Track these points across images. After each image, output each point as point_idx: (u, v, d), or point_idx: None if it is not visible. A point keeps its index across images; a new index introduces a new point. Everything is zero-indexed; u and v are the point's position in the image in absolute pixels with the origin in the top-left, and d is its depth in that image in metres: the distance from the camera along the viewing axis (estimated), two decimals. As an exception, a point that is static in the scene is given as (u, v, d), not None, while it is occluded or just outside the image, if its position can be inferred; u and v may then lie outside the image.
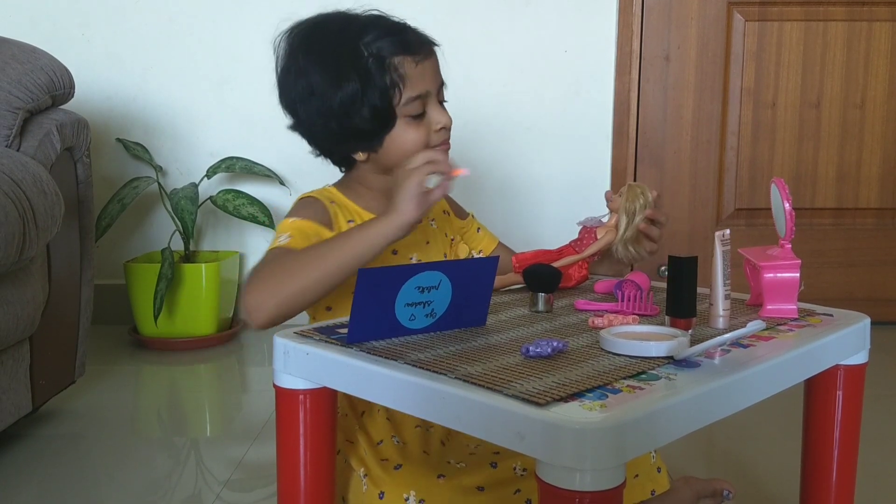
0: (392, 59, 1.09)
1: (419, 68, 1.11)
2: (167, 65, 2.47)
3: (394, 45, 1.10)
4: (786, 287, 0.97)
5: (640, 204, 1.10)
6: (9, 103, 1.51)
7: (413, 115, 1.11)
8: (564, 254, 1.12)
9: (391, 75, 1.09)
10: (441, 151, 1.08)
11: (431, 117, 1.13)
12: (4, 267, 1.37)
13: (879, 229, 2.53)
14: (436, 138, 1.14)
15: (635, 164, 2.51)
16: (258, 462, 1.53)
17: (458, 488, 1.01)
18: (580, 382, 0.73)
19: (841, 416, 1.00)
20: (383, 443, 1.08)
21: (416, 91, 1.10)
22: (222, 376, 2.19)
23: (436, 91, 1.14)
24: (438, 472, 1.03)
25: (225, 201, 2.33)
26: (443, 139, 1.15)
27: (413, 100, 1.11)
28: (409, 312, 0.87)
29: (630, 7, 2.44)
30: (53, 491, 1.43)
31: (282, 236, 1.08)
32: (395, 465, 1.05)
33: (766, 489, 1.40)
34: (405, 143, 1.12)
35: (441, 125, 1.13)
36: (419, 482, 1.02)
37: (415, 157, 1.03)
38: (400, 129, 1.12)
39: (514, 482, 1.02)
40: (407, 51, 1.10)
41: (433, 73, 1.13)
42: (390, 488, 1.02)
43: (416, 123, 1.12)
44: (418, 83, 1.11)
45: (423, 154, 1.03)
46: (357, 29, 1.11)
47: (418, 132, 1.12)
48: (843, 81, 2.47)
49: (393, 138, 1.12)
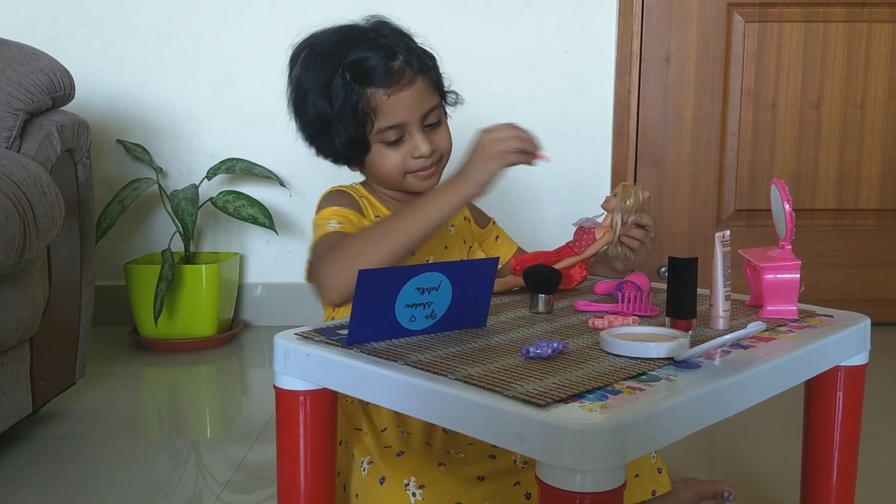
0: (364, 90, 1.09)
1: (392, 100, 1.10)
2: (167, 66, 2.47)
3: (368, 75, 1.09)
4: (786, 288, 0.97)
5: (631, 202, 1.11)
6: (9, 105, 1.51)
7: (387, 141, 1.12)
8: (563, 255, 1.12)
9: (361, 105, 1.09)
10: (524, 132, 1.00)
11: (411, 144, 1.13)
12: (5, 268, 1.37)
13: (880, 230, 2.53)
14: (413, 164, 1.14)
15: (635, 164, 2.51)
16: (258, 463, 1.53)
17: (458, 477, 1.02)
18: (580, 383, 0.73)
19: (841, 417, 1.00)
20: (388, 430, 1.08)
21: (389, 122, 1.11)
22: (222, 377, 2.19)
23: (417, 119, 1.13)
24: (439, 461, 1.04)
25: (225, 202, 2.34)
26: (421, 166, 1.14)
27: (386, 129, 1.11)
28: (410, 314, 0.87)
29: (630, 8, 2.44)
30: (54, 492, 1.43)
31: (331, 222, 1.09)
32: (396, 453, 1.05)
33: (766, 490, 1.40)
34: (383, 166, 1.14)
35: (419, 153, 1.13)
36: (420, 469, 1.02)
37: (500, 126, 0.99)
38: (376, 154, 1.13)
39: (513, 474, 1.03)
40: (381, 82, 1.09)
41: (412, 103, 1.12)
42: (391, 474, 1.03)
43: (394, 148, 1.13)
44: (392, 114, 1.11)
45: (509, 127, 0.99)
46: (347, 48, 1.11)
47: (394, 158, 1.13)
48: (843, 82, 2.47)
49: (371, 161, 1.15)
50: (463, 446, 1.07)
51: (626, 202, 1.10)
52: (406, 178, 1.16)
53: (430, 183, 1.17)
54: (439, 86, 1.18)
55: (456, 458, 1.05)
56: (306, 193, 2.50)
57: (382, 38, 1.13)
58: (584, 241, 1.12)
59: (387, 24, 1.17)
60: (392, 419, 1.09)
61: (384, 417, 1.10)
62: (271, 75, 2.47)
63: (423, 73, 1.14)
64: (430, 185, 1.17)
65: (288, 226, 2.52)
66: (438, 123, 1.16)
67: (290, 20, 2.43)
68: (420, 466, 1.03)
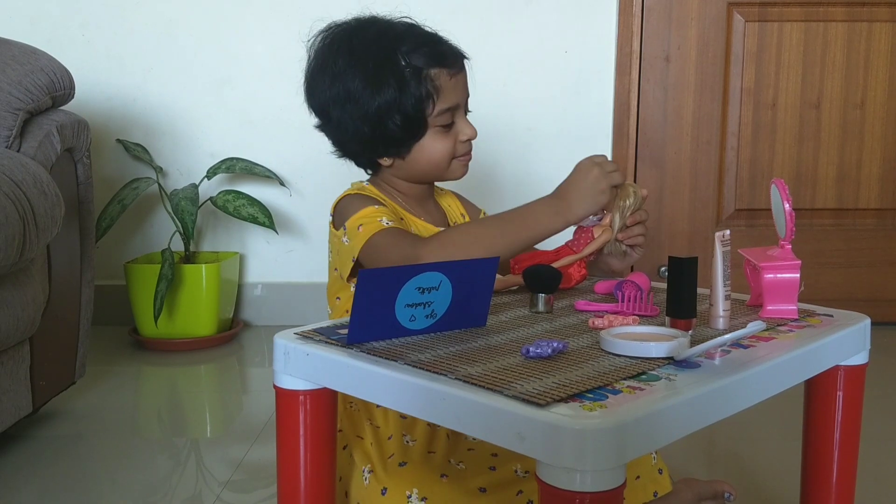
0: (429, 70, 1.12)
1: (453, 81, 1.14)
2: (167, 66, 2.47)
3: (430, 57, 1.13)
4: (786, 287, 0.97)
5: (631, 202, 1.11)
6: (9, 104, 1.51)
7: (443, 125, 1.15)
8: (562, 254, 1.12)
9: (426, 86, 1.12)
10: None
11: (459, 128, 1.17)
12: (5, 268, 1.37)
13: (880, 230, 2.53)
14: (461, 149, 1.18)
15: (635, 164, 2.51)
16: (258, 463, 1.53)
17: (460, 489, 1.01)
18: (580, 383, 0.73)
19: (841, 416, 1.00)
20: (393, 438, 1.08)
21: (447, 103, 1.14)
22: (222, 377, 2.19)
23: (464, 103, 1.18)
24: (441, 472, 1.03)
25: (225, 202, 2.34)
26: (467, 150, 1.19)
27: (444, 111, 1.14)
28: (410, 313, 0.87)
29: (630, 7, 2.44)
30: (54, 492, 1.43)
31: (382, 219, 1.09)
32: (399, 463, 1.05)
33: (766, 489, 1.40)
34: (433, 153, 1.16)
35: (467, 137, 1.17)
36: (422, 481, 1.02)
37: (607, 160, 1.06)
38: (429, 139, 1.15)
39: (515, 483, 1.02)
40: (443, 63, 1.13)
41: (464, 86, 1.17)
42: (393, 485, 1.02)
43: (445, 133, 1.16)
44: (450, 95, 1.14)
45: (613, 163, 1.06)
46: (393, 37, 1.14)
47: (446, 142, 1.16)
48: (843, 82, 2.47)
49: (421, 146, 1.16)
50: (464, 453, 1.06)
51: (626, 201, 1.10)
52: (451, 164, 1.19)
53: (466, 170, 1.21)
54: None
55: (456, 469, 1.04)
56: (306, 193, 2.50)
57: (419, 27, 1.17)
58: (582, 239, 1.12)
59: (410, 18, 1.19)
60: (398, 427, 1.09)
61: (391, 424, 1.09)
62: (271, 75, 2.49)
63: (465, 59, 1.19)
64: (466, 171, 1.21)
65: (288, 225, 2.52)
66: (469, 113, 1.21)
67: (291, 20, 2.43)
68: (422, 478, 1.02)
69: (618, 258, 1.15)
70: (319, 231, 2.51)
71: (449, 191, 1.33)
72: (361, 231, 1.08)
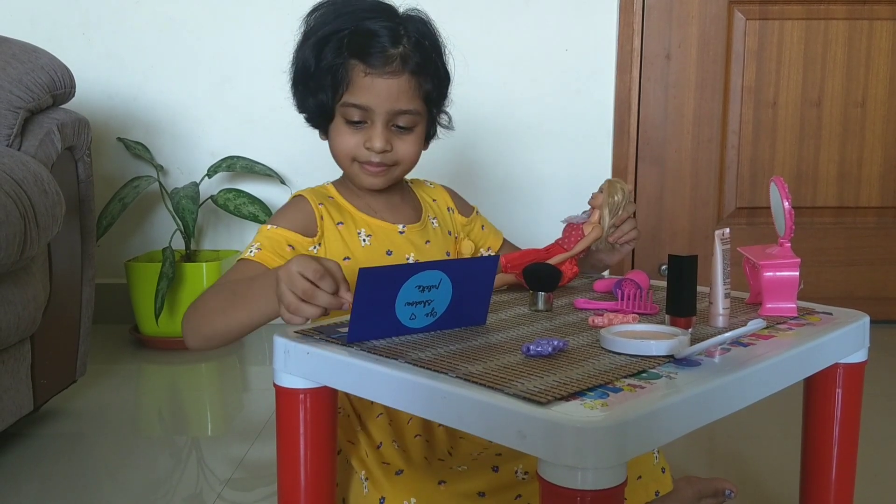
0: (347, 58, 1.08)
1: (368, 80, 1.08)
2: (168, 64, 2.47)
3: (355, 46, 1.08)
4: (785, 286, 0.97)
5: (619, 197, 1.11)
6: (9, 103, 1.52)
7: (348, 119, 1.11)
8: (552, 252, 1.13)
9: (339, 71, 1.09)
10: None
11: (368, 133, 1.11)
12: (5, 266, 1.37)
13: (880, 228, 2.53)
14: (364, 155, 1.12)
15: (636, 162, 2.51)
16: (259, 461, 1.53)
17: (459, 495, 1.00)
18: (581, 381, 0.73)
19: (840, 414, 1.00)
20: (383, 445, 1.07)
21: (358, 100, 1.09)
22: (223, 375, 2.19)
23: (384, 112, 1.10)
24: (440, 479, 1.02)
25: (226, 200, 2.34)
26: (369, 160, 1.12)
27: (352, 106, 1.10)
28: (410, 312, 0.87)
29: (631, 5, 2.44)
30: (54, 490, 1.43)
31: (253, 246, 1.09)
32: (396, 471, 1.04)
33: (766, 487, 1.40)
34: (336, 143, 1.14)
35: (370, 146, 1.11)
36: (420, 489, 1.01)
37: (307, 264, 0.87)
38: (336, 127, 1.13)
39: (515, 487, 1.02)
40: (364, 58, 1.08)
41: (386, 94, 1.09)
42: (391, 494, 1.02)
43: (350, 129, 1.12)
44: (363, 95, 1.09)
45: (288, 291, 0.87)
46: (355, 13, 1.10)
47: (348, 139, 1.12)
48: (844, 80, 2.46)
49: (331, 133, 1.15)
50: (467, 460, 1.06)
51: (614, 198, 1.11)
52: (353, 166, 1.14)
53: (374, 181, 1.14)
54: (429, 98, 1.14)
55: (457, 472, 1.03)
56: (307, 191, 2.50)
57: (401, 25, 1.11)
58: (572, 237, 1.13)
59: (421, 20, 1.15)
60: (387, 434, 1.08)
61: (380, 431, 1.08)
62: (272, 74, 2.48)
63: (415, 75, 1.10)
64: (373, 183, 1.15)
65: (288, 224, 2.52)
66: (409, 130, 1.13)
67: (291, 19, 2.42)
68: (420, 486, 1.01)
69: (609, 254, 1.16)
70: (320, 229, 2.51)
71: (441, 186, 1.31)
72: (245, 249, 1.11)
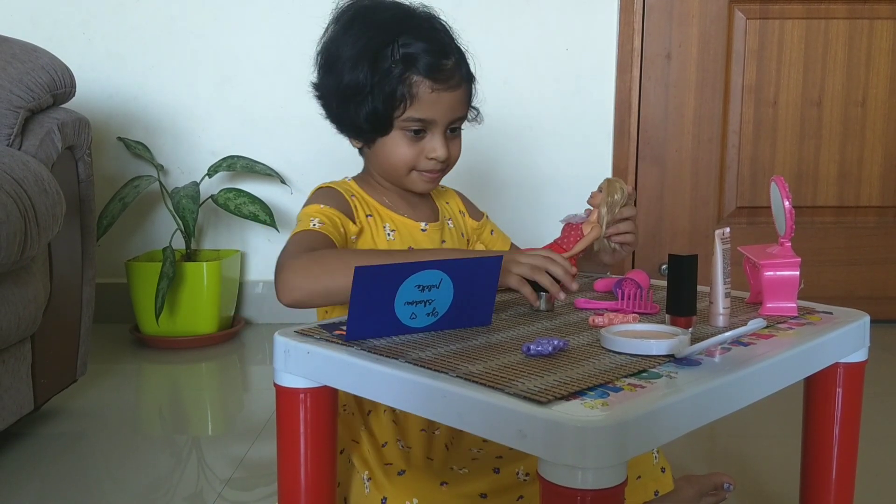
0: (412, 75, 1.08)
1: (434, 95, 1.09)
2: (168, 63, 2.47)
3: (421, 63, 1.08)
4: (786, 285, 0.97)
5: (618, 197, 1.11)
6: (10, 102, 1.52)
7: (411, 130, 1.11)
8: None
9: (403, 88, 1.08)
10: (559, 265, 0.98)
11: (429, 144, 1.12)
12: (6, 266, 1.37)
13: (880, 227, 2.53)
14: (424, 164, 1.13)
15: (636, 162, 2.51)
16: (260, 461, 1.53)
17: (461, 496, 1.00)
18: (582, 381, 0.73)
19: (840, 413, 1.01)
20: (388, 445, 1.07)
21: (421, 114, 1.10)
22: (224, 375, 2.19)
23: (445, 122, 1.12)
24: (441, 480, 1.02)
25: (226, 200, 2.34)
26: (432, 168, 1.14)
27: (415, 120, 1.10)
28: (410, 311, 0.87)
29: (631, 5, 2.44)
30: (55, 489, 1.43)
31: (314, 220, 1.08)
32: (398, 471, 1.04)
33: (766, 486, 1.40)
34: (392, 155, 1.13)
35: (434, 155, 1.12)
36: (422, 489, 1.01)
37: (537, 255, 0.98)
38: (393, 139, 1.12)
39: (517, 488, 1.02)
40: (431, 74, 1.09)
41: (449, 107, 1.11)
42: (393, 494, 1.02)
43: (412, 141, 1.12)
44: (427, 108, 1.10)
45: (544, 257, 0.98)
46: (401, 27, 1.10)
47: (409, 150, 1.12)
48: (844, 79, 2.46)
49: (384, 144, 1.13)
50: (467, 461, 1.06)
51: (613, 197, 1.11)
52: (410, 174, 1.15)
53: (429, 186, 1.17)
54: (471, 99, 1.18)
55: (458, 474, 1.03)
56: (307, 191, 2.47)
57: (437, 32, 1.13)
58: (571, 237, 1.13)
59: (438, 19, 1.16)
60: (392, 433, 1.08)
61: (384, 431, 1.08)
62: (272, 73, 2.49)
63: (466, 83, 1.14)
64: (428, 188, 1.17)
65: (289, 223, 2.52)
66: (457, 133, 1.16)
67: (292, 18, 2.43)
68: (422, 487, 1.02)
69: (608, 254, 1.16)
70: (320, 229, 2.51)
71: (451, 189, 1.32)
72: (296, 226, 1.09)
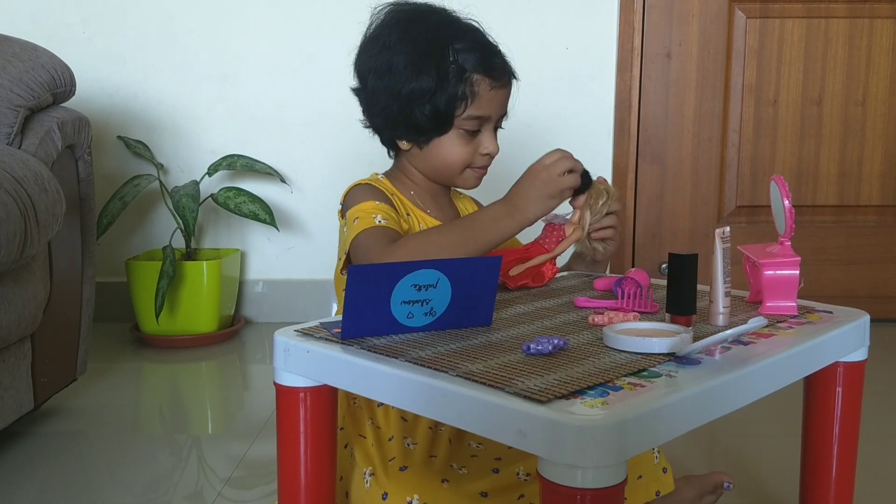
0: (473, 74, 1.13)
1: (492, 93, 1.15)
2: (168, 63, 2.47)
3: (479, 62, 1.14)
4: (785, 284, 0.97)
5: (603, 200, 1.11)
6: (10, 101, 1.52)
7: (468, 129, 1.16)
8: (532, 252, 1.13)
9: (465, 87, 1.13)
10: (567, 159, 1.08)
11: (483, 140, 1.17)
12: (6, 265, 1.37)
13: (881, 226, 2.53)
14: (479, 161, 1.19)
15: (636, 161, 2.51)
16: (260, 459, 1.53)
17: (462, 494, 1.01)
18: (581, 380, 0.73)
19: (840, 412, 1.01)
20: (394, 439, 1.08)
21: (480, 111, 1.15)
22: (224, 374, 2.19)
23: (497, 118, 1.18)
24: (442, 477, 1.03)
25: (226, 199, 2.34)
26: (484, 164, 1.20)
27: (474, 118, 1.15)
28: (407, 310, 0.87)
29: (631, 4, 2.44)
30: (55, 488, 1.43)
31: (376, 216, 1.09)
32: (400, 467, 1.05)
33: (766, 485, 1.40)
34: (449, 153, 1.17)
35: (487, 151, 1.18)
36: (423, 486, 1.02)
37: (556, 160, 1.06)
38: (450, 138, 1.16)
39: (517, 487, 1.02)
40: (488, 73, 1.14)
41: (501, 103, 1.18)
42: (394, 490, 1.02)
43: (467, 139, 1.16)
44: (485, 105, 1.15)
45: (562, 159, 1.06)
46: (452, 31, 1.15)
47: (465, 148, 1.17)
48: (844, 78, 2.46)
49: (440, 143, 1.16)
50: (466, 458, 1.06)
51: (598, 200, 1.11)
52: (464, 172, 1.19)
53: (479, 182, 1.23)
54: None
55: (459, 473, 1.04)
56: (307, 190, 2.50)
57: (480, 32, 1.19)
58: (553, 237, 1.13)
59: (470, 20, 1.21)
60: (399, 429, 1.08)
61: (392, 426, 1.09)
62: (272, 72, 2.49)
63: (513, 79, 1.19)
64: (478, 184, 1.23)
65: (289, 222, 2.52)
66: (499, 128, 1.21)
67: (292, 18, 2.43)
68: (423, 483, 1.02)
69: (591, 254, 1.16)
70: (320, 228, 2.51)
71: (468, 195, 1.34)
72: (356, 224, 1.09)
